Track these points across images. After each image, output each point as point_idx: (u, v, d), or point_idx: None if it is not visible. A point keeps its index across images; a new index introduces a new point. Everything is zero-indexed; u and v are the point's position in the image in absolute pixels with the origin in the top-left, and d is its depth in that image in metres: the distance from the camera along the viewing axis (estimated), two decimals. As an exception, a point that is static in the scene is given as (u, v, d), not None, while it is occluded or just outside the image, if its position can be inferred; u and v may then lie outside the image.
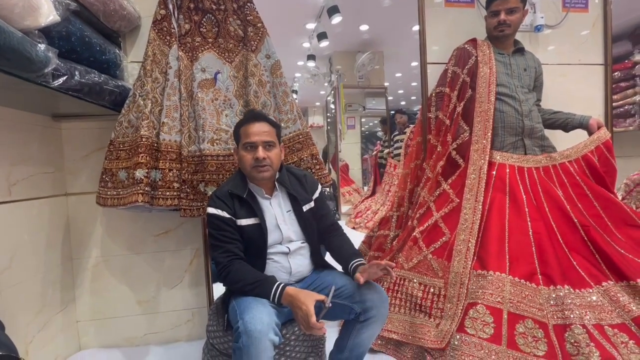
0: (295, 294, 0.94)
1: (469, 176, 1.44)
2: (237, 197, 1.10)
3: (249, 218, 1.10)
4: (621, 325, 1.12)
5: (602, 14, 1.89)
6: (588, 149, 1.48)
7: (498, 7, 1.50)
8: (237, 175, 1.17)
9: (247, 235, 1.09)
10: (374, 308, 1.04)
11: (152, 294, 1.56)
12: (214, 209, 1.08)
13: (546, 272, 1.24)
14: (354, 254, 1.15)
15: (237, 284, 1.02)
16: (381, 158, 5.01)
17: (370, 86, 5.13)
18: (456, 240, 1.35)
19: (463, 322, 1.19)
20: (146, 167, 1.25)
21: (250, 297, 0.99)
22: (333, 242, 1.21)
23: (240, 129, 1.13)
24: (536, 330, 1.13)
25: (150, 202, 1.27)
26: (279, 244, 1.14)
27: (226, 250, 1.05)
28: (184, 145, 1.34)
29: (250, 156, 1.10)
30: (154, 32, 1.35)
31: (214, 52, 1.43)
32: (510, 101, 1.51)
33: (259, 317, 0.89)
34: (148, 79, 1.31)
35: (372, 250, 1.74)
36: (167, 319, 1.57)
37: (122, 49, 1.44)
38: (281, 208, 1.16)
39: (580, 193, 1.43)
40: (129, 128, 1.31)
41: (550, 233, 1.32)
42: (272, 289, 0.97)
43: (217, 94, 1.41)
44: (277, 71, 1.44)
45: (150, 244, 1.55)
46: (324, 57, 5.07)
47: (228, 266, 1.03)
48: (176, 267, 1.58)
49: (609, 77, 1.90)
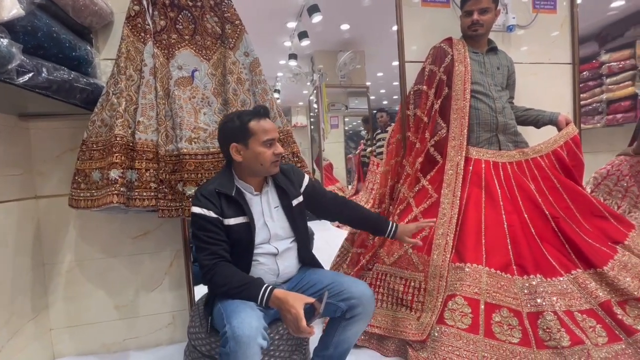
0: (284, 297, 0.92)
1: (446, 172, 1.47)
2: (225, 195, 1.07)
3: (237, 217, 1.07)
4: (589, 310, 1.17)
5: (569, 16, 1.98)
6: (558, 144, 1.55)
7: (471, 7, 1.55)
8: (223, 173, 1.13)
9: (234, 236, 1.06)
10: (360, 305, 1.04)
11: (130, 297, 1.52)
12: (200, 208, 1.04)
13: (520, 263, 1.29)
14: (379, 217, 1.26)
15: (223, 287, 0.99)
16: (364, 157, 5.06)
17: (352, 85, 5.16)
18: (435, 234, 1.39)
19: (442, 314, 1.23)
20: (121, 167, 1.22)
21: (237, 300, 0.96)
22: (348, 214, 1.26)
23: (251, 125, 1.07)
24: (511, 319, 1.17)
25: (126, 203, 1.23)
26: (267, 244, 1.12)
27: (211, 252, 1.01)
28: (160, 145, 1.31)
29: (271, 152, 1.08)
30: (127, 29, 1.31)
31: (191, 50, 1.41)
32: (484, 98, 1.56)
33: (248, 321, 0.87)
34: (122, 77, 1.28)
35: (355, 247, 1.75)
36: (147, 323, 1.53)
37: (93, 45, 1.40)
38: (269, 204, 1.14)
39: (551, 186, 1.49)
40: (103, 127, 1.27)
41: (523, 225, 1.38)
42: (259, 292, 0.95)
43: (194, 92, 1.38)
44: (256, 69, 1.43)
45: (127, 247, 1.51)
46: (305, 56, 5.06)
47: (213, 269, 1.00)
48: (156, 270, 1.54)
49: (576, 75, 1.99)
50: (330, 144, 5.46)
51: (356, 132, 7.06)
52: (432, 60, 1.65)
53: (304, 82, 5.21)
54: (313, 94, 5.34)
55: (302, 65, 5.15)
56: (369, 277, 1.51)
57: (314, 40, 4.19)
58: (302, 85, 5.56)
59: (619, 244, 1.39)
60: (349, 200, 1.29)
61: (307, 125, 7.75)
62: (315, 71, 4.88)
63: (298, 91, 6.68)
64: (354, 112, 5.60)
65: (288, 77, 5.15)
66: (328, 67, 4.91)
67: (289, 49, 4.49)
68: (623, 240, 1.40)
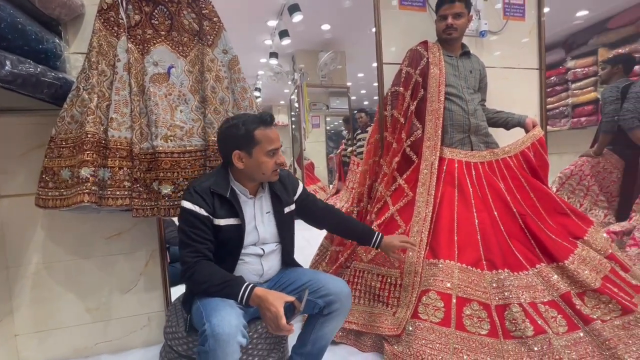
0: (264, 296, 0.92)
1: (421, 171, 1.52)
2: (218, 195, 1.06)
3: (229, 218, 1.06)
4: (551, 302, 1.25)
5: (537, 23, 2.09)
6: (525, 145, 1.64)
7: (445, 11, 1.60)
8: (219, 173, 1.11)
9: (223, 236, 1.05)
10: (337, 302, 1.06)
11: (103, 300, 1.47)
12: (191, 204, 1.02)
13: (489, 258, 1.35)
14: (365, 228, 1.29)
15: (203, 284, 0.98)
16: (345, 156, 5.13)
17: (333, 85, 5.20)
18: (410, 232, 1.43)
19: (417, 309, 1.27)
20: (93, 165, 1.18)
21: (217, 298, 0.96)
22: (337, 224, 1.29)
23: (257, 133, 1.05)
24: (480, 311, 1.23)
25: (98, 202, 1.20)
26: (254, 245, 1.12)
27: (195, 250, 1.00)
28: (135, 142, 1.27)
29: (274, 161, 1.08)
30: (99, 22, 1.27)
31: (167, 46, 1.38)
32: (457, 100, 1.62)
33: (228, 319, 0.87)
34: (93, 72, 1.23)
35: (333, 245, 1.78)
36: (121, 325, 1.49)
37: (63, 38, 1.34)
38: (261, 209, 1.14)
39: (518, 185, 1.57)
40: (73, 124, 1.22)
41: (493, 222, 1.44)
42: (240, 291, 0.94)
43: (171, 88, 1.36)
44: (235, 67, 1.42)
45: (100, 247, 1.46)
46: (286, 55, 5.04)
47: (193, 266, 0.99)
48: (130, 271, 1.50)
49: (543, 80, 2.10)
50: (311, 144, 5.47)
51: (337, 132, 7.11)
52: (409, 62, 1.69)
53: (285, 81, 5.20)
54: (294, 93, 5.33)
55: (283, 64, 5.13)
56: (347, 274, 1.54)
57: (295, 40, 4.18)
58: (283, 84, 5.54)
59: (579, 239, 1.49)
60: (338, 211, 1.31)
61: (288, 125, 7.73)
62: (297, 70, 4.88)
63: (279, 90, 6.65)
64: (335, 112, 5.64)
65: (269, 76, 5.11)
66: (309, 67, 4.91)
67: (270, 47, 4.47)
68: (583, 235, 1.50)
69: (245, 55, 5.00)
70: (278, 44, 4.13)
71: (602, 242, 1.50)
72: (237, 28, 3.69)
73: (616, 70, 2.46)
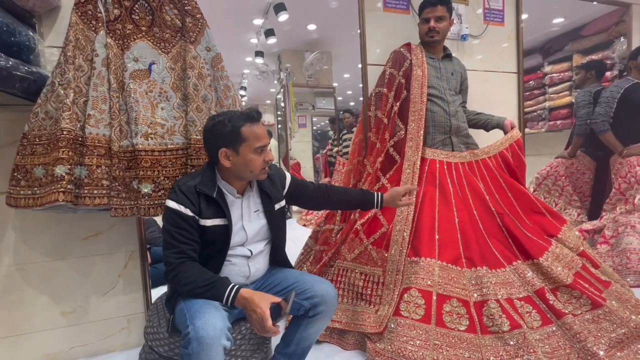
0: (250, 297, 0.90)
1: (404, 171, 1.55)
2: (205, 195, 1.03)
3: (215, 218, 1.04)
4: (526, 297, 1.30)
5: (515, 29, 2.16)
6: (503, 147, 1.69)
7: (428, 14, 1.64)
8: (205, 172, 1.08)
9: (209, 237, 1.03)
10: (323, 304, 1.06)
11: (79, 303, 1.42)
12: (176, 203, 1.00)
13: (469, 256, 1.39)
14: (364, 193, 1.28)
15: (187, 286, 0.96)
16: (331, 156, 5.14)
17: (319, 85, 5.20)
18: (393, 230, 1.45)
19: (398, 306, 1.29)
20: (68, 163, 1.14)
21: (201, 299, 0.94)
22: (334, 199, 1.26)
23: (244, 130, 1.03)
24: (460, 308, 1.26)
25: (74, 201, 1.16)
26: (241, 246, 1.10)
27: (180, 250, 0.98)
28: (114, 140, 1.24)
29: (262, 159, 1.05)
30: (76, 15, 1.23)
31: (148, 42, 1.35)
32: (439, 102, 1.66)
33: (212, 322, 0.86)
34: (70, 67, 1.19)
35: (318, 244, 1.78)
36: (98, 328, 1.45)
37: (37, 31, 1.29)
38: (249, 208, 1.13)
39: (497, 185, 1.62)
40: (47, 120, 1.18)
41: (472, 221, 1.48)
42: (225, 292, 0.93)
43: (152, 85, 1.33)
44: (218, 64, 1.40)
45: (77, 248, 1.41)
46: (272, 54, 5.01)
47: (178, 267, 0.97)
48: (108, 272, 1.46)
49: (521, 84, 2.18)
50: (298, 143, 5.45)
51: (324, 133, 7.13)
52: (392, 64, 1.72)
53: (271, 80, 5.16)
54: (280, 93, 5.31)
55: (269, 63, 5.09)
56: (330, 273, 1.54)
57: (281, 39, 4.16)
58: (269, 84, 5.50)
59: (553, 237, 1.55)
60: (332, 186, 1.31)
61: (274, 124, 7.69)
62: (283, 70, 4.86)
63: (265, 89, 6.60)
64: (321, 112, 5.65)
65: (255, 75, 5.07)
66: (295, 67, 4.90)
67: (256, 46, 4.43)
68: (557, 233, 1.56)
69: (230, 53, 4.93)
70: (264, 43, 4.10)
71: (574, 240, 1.57)
72: (222, 26, 3.64)
73: (589, 76, 2.57)
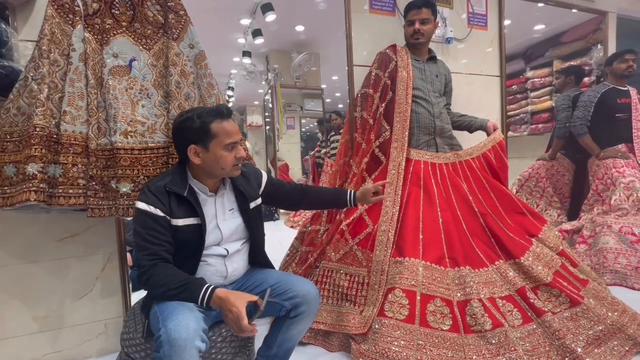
0: (225, 297, 0.88)
1: (389, 171, 1.55)
2: (175, 194, 1.01)
3: (187, 218, 1.01)
4: (508, 296, 1.32)
5: (498, 33, 2.21)
6: (486, 148, 1.72)
7: (413, 16, 1.66)
8: (176, 170, 1.06)
9: (182, 237, 1.01)
10: (304, 304, 1.04)
11: (53, 307, 1.37)
12: (146, 204, 0.97)
13: (452, 256, 1.40)
14: (337, 191, 1.30)
15: (161, 288, 0.93)
16: (319, 158, 5.14)
17: (307, 87, 5.20)
18: (378, 231, 1.45)
19: (383, 307, 1.29)
20: (41, 161, 1.09)
21: (175, 301, 0.91)
22: (309, 199, 1.27)
23: (213, 126, 1.00)
24: (443, 308, 1.27)
25: (47, 201, 1.11)
26: (217, 246, 1.08)
27: (152, 252, 0.95)
28: (91, 138, 1.20)
29: (233, 155, 1.03)
30: (52, 9, 1.18)
31: (129, 37, 1.31)
32: (424, 103, 1.68)
33: (185, 323, 0.83)
34: (44, 61, 1.15)
35: (303, 246, 1.77)
36: (74, 334, 1.40)
37: (10, 24, 1.24)
38: (224, 206, 1.10)
39: (480, 186, 1.65)
40: (19, 116, 1.13)
41: (456, 221, 1.50)
42: (200, 293, 0.90)
43: (132, 82, 1.29)
44: (201, 62, 1.38)
45: (52, 250, 1.36)
46: (260, 55, 4.98)
47: (150, 269, 0.94)
48: (85, 275, 1.41)
49: (503, 87, 2.22)
50: (286, 145, 5.43)
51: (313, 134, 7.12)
52: (378, 65, 1.73)
53: (259, 80, 5.13)
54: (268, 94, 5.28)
55: (257, 64, 5.06)
56: (316, 274, 1.53)
57: (269, 40, 4.13)
58: (257, 85, 5.46)
59: (534, 237, 1.58)
60: (307, 186, 1.30)
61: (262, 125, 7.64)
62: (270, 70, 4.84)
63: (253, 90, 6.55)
64: (309, 114, 5.64)
65: (242, 75, 5.02)
66: (283, 67, 4.89)
67: (243, 46, 4.40)
68: (537, 233, 1.60)
69: (217, 53, 4.88)
70: (251, 43, 4.08)
71: (554, 240, 1.60)
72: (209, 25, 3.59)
73: (569, 81, 2.66)
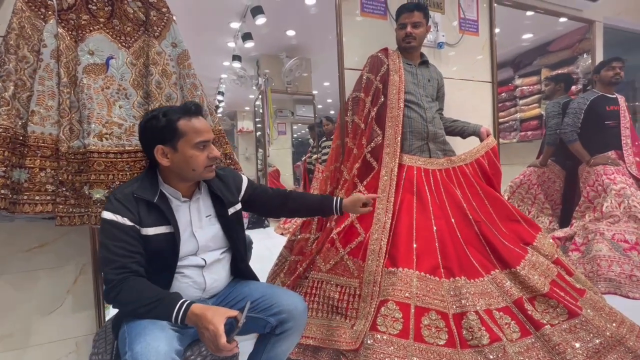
0: (202, 313, 0.80)
1: (381, 178, 1.50)
2: (145, 201, 0.94)
3: (159, 226, 0.94)
4: (505, 308, 1.26)
5: (489, 39, 2.20)
6: (480, 154, 1.68)
7: (405, 20, 1.63)
8: (145, 176, 1.00)
9: (153, 247, 0.93)
10: (290, 320, 0.97)
11: (19, 324, 1.25)
12: (112, 213, 0.90)
13: (447, 266, 1.35)
14: (323, 198, 1.23)
15: (130, 305, 0.85)
16: (310, 164, 5.09)
17: (298, 92, 5.17)
18: (370, 239, 1.39)
19: (375, 320, 1.22)
20: (3, 165, 1.00)
21: (146, 320, 0.83)
22: (292, 205, 1.20)
23: (180, 124, 0.94)
24: (439, 321, 1.20)
25: (9, 208, 1.02)
26: (193, 255, 1.00)
27: (121, 265, 0.87)
28: (62, 140, 1.11)
29: (205, 155, 0.96)
30: (22, 2, 1.10)
31: (107, 34, 1.24)
32: (416, 108, 1.64)
33: (154, 345, 0.75)
34: (11, 57, 1.07)
35: (293, 254, 1.69)
36: (42, 353, 1.28)
37: (-25, 17, 1.15)
38: (199, 212, 1.03)
39: (474, 193, 1.61)
40: (-20, 116, 1.04)
41: (450, 229, 1.45)
42: (174, 309, 0.82)
43: (109, 81, 1.21)
44: (184, 62, 1.31)
45: (18, 262, 1.25)
46: (251, 59, 4.93)
47: (119, 285, 0.85)
48: (55, 288, 1.30)
49: (495, 93, 2.21)
50: (277, 150, 5.37)
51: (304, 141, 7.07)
52: (370, 68, 1.68)
53: (249, 85, 5.07)
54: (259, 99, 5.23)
55: (248, 69, 5.01)
56: (305, 285, 1.46)
57: (260, 44, 4.09)
58: (248, 90, 5.41)
59: (529, 245, 1.54)
60: (291, 192, 1.23)
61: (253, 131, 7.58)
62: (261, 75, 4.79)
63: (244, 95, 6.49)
64: (301, 120, 5.61)
65: (232, 80, 4.96)
66: (274, 72, 4.85)
67: (233, 50, 4.34)
68: (532, 241, 1.56)
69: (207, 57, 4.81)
70: (241, 47, 4.02)
71: (549, 248, 1.57)
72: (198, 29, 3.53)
73: (558, 88, 2.67)
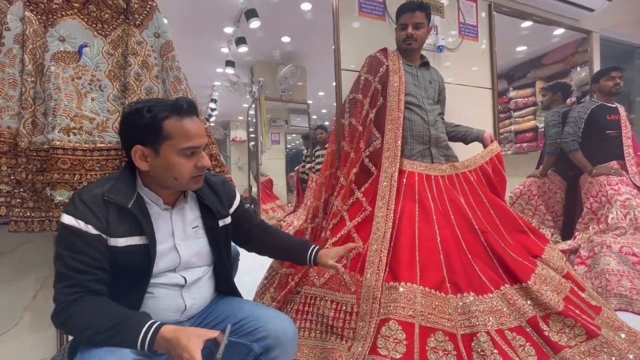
0: (175, 337, 0.66)
1: (381, 184, 1.39)
2: (117, 205, 0.78)
3: (131, 236, 0.79)
4: (518, 328, 1.14)
5: (489, 44, 2.15)
6: (484, 160, 1.59)
7: (406, 20, 1.55)
8: (121, 175, 0.84)
9: (123, 261, 0.77)
10: (277, 347, 0.82)
11: (-36, 346, 1.09)
12: (73, 218, 0.74)
13: (453, 280, 1.22)
14: (300, 242, 1.08)
15: (84, 333, 0.69)
16: (304, 173, 4.98)
17: (293, 101, 5.11)
18: (369, 251, 1.27)
19: (375, 342, 1.08)
20: (-54, 160, 0.86)
21: (106, 347, 0.67)
22: (272, 243, 1.07)
23: (167, 124, 0.78)
24: (446, 343, 1.07)
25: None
26: (172, 272, 0.85)
27: (75, 284, 0.71)
28: (23, 134, 0.99)
29: (192, 163, 0.81)
30: (-17, -20, 0.99)
31: (81, 20, 1.12)
32: (417, 110, 1.55)
33: None
34: (-34, 39, 0.94)
35: (284, 267, 1.55)
36: (-10, 380, 1.11)
37: None
38: (184, 223, 0.88)
39: (479, 201, 1.50)
40: None
41: (455, 240, 1.33)
42: (139, 333, 0.67)
43: (81, 71, 1.09)
44: (168, 53, 1.20)
45: (-33, 274, 1.09)
46: (245, 65, 4.86)
47: (69, 307, 0.69)
48: (10, 305, 1.14)
49: (495, 100, 2.15)
50: (270, 160, 5.27)
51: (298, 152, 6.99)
52: (368, 69, 1.60)
53: (243, 92, 4.98)
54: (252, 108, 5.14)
55: (241, 76, 4.93)
56: (297, 301, 1.32)
57: (254, 50, 4.03)
58: (242, 98, 5.33)
59: (538, 257, 1.44)
60: (273, 229, 1.09)
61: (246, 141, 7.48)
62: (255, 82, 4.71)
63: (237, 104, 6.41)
64: (295, 130, 5.53)
65: (225, 86, 4.86)
66: (268, 80, 4.78)
67: (227, 55, 4.26)
68: (541, 254, 1.45)
69: (200, 63, 4.72)
70: (235, 53, 3.95)
71: (558, 261, 1.46)
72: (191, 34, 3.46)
73: (556, 97, 2.63)
